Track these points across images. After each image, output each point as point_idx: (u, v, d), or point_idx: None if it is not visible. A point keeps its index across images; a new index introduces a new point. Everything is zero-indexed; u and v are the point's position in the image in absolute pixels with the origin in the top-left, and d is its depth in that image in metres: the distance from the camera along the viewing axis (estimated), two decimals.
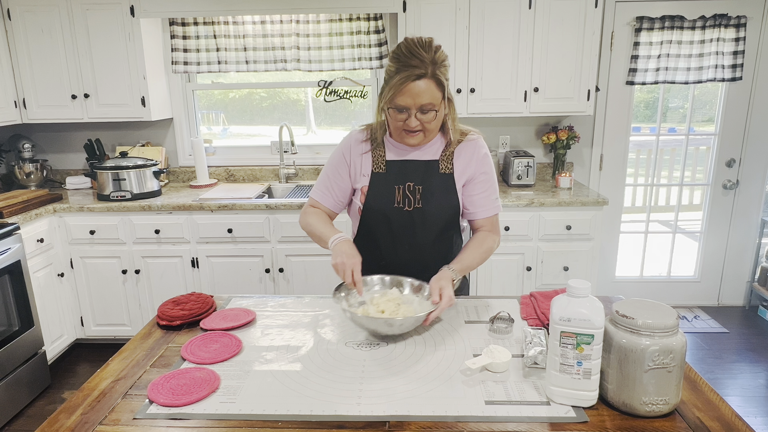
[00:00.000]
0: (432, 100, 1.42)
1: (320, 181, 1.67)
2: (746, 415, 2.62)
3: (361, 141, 1.61)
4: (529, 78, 3.14)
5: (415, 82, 1.39)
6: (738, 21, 3.25)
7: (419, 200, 1.55)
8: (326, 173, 1.66)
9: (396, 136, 1.53)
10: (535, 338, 1.27)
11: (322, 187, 1.66)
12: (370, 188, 1.57)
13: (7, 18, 3.11)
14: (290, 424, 1.06)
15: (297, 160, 3.64)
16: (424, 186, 1.56)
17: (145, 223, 3.05)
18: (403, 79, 1.38)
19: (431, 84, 1.40)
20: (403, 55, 1.40)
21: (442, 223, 1.59)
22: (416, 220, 1.57)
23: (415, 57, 1.38)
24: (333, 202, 1.66)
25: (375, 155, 1.58)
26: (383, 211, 1.57)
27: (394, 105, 1.44)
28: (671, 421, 1.05)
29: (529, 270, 3.09)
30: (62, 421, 1.09)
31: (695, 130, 3.67)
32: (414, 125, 1.45)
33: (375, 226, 1.60)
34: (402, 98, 1.41)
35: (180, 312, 1.51)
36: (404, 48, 1.41)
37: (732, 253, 3.74)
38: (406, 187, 1.56)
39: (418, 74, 1.38)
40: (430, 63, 1.39)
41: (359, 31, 3.36)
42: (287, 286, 3.12)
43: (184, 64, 3.43)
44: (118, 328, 3.24)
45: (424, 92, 1.40)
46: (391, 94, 1.41)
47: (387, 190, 1.56)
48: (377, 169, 1.58)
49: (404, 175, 1.56)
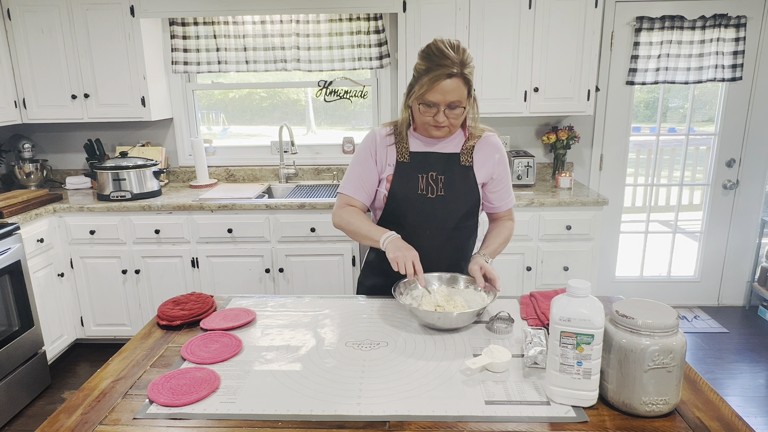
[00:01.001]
0: (460, 98, 1.51)
1: (349, 177, 1.71)
2: (746, 415, 2.62)
3: (386, 135, 1.69)
4: (529, 78, 3.14)
5: (446, 81, 1.48)
6: (738, 21, 3.26)
7: (441, 188, 1.64)
8: (354, 170, 1.70)
9: (422, 130, 1.63)
10: (535, 338, 1.27)
11: (353, 183, 1.70)
12: (395, 176, 1.65)
13: (7, 18, 3.12)
14: (290, 424, 1.06)
15: (297, 160, 3.64)
16: (446, 176, 1.65)
17: (145, 223, 3.05)
18: (435, 77, 1.47)
19: (460, 83, 1.49)
20: (434, 55, 1.48)
21: (462, 211, 1.67)
22: (438, 207, 1.65)
23: (446, 57, 1.47)
24: (365, 196, 1.70)
25: (399, 147, 1.66)
26: (408, 197, 1.64)
27: (425, 101, 1.52)
28: (671, 421, 1.05)
29: (529, 270, 3.09)
30: (62, 421, 1.09)
31: (695, 130, 3.67)
32: (442, 120, 1.54)
33: (399, 213, 1.67)
34: (433, 95, 1.50)
35: (180, 312, 1.51)
36: (435, 48, 1.49)
37: (732, 253, 3.74)
38: (429, 176, 1.64)
39: (449, 73, 1.47)
40: (459, 63, 1.48)
41: (359, 31, 3.36)
42: (287, 286, 3.12)
43: (184, 64, 3.43)
44: (118, 328, 3.24)
45: (454, 90, 1.49)
46: (422, 90, 1.50)
47: (411, 178, 1.64)
48: (402, 159, 1.65)
49: (427, 164, 1.65)
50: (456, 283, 1.60)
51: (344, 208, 1.70)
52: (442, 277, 1.61)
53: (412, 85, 1.55)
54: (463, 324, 1.43)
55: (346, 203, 1.71)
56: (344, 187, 1.71)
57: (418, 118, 1.59)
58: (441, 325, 1.41)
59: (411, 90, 1.56)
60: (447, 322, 1.39)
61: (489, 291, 1.52)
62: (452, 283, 1.60)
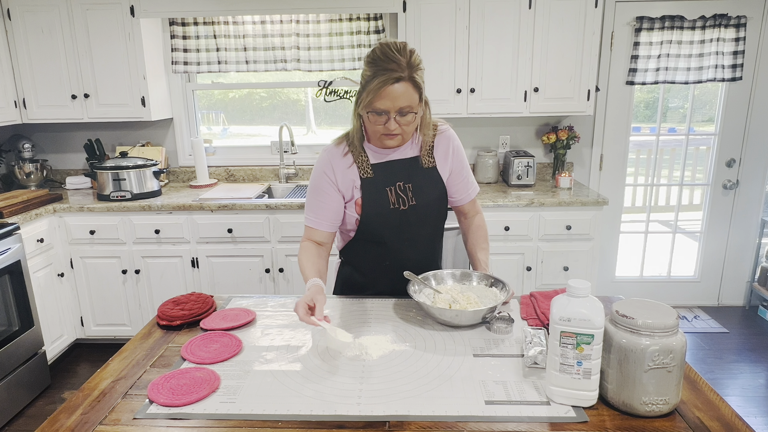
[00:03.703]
0: (410, 103, 1.43)
1: (309, 207, 1.63)
2: (746, 415, 2.62)
3: (342, 155, 1.59)
4: (529, 78, 3.14)
5: (394, 86, 1.40)
6: (738, 21, 3.25)
7: (411, 198, 1.59)
8: (312, 198, 1.61)
9: (374, 140, 1.56)
10: (535, 338, 1.27)
11: (312, 213, 1.62)
12: (363, 196, 1.57)
13: (7, 18, 3.11)
14: (290, 424, 1.06)
15: (297, 160, 3.64)
16: (413, 183, 1.60)
17: (145, 223, 3.05)
18: (381, 82, 1.39)
19: (409, 87, 1.41)
20: (379, 60, 1.40)
21: (435, 215, 1.66)
22: (412, 217, 1.60)
23: (392, 61, 1.39)
24: (328, 224, 1.62)
25: (359, 163, 1.58)
26: (380, 214, 1.58)
27: (373, 108, 1.44)
28: (671, 421, 1.05)
29: (529, 270, 3.09)
30: (62, 421, 1.09)
31: (695, 130, 3.67)
32: (393, 128, 1.46)
33: (374, 231, 1.61)
34: (381, 102, 1.42)
35: (180, 312, 1.51)
36: (380, 52, 1.41)
37: (732, 253, 3.74)
38: (397, 187, 1.58)
39: (396, 77, 1.39)
40: (407, 66, 1.40)
41: (359, 31, 3.36)
42: (287, 286, 3.12)
43: (184, 64, 3.43)
44: (118, 328, 3.24)
45: (403, 95, 1.41)
46: (370, 98, 1.42)
47: (380, 194, 1.58)
48: (365, 175, 1.57)
49: (392, 175, 1.59)
50: (468, 280, 1.61)
51: (304, 243, 1.63)
52: (455, 274, 1.62)
53: (360, 93, 1.46)
54: (477, 321, 1.44)
55: (308, 237, 1.64)
56: (307, 218, 1.63)
57: (369, 127, 1.51)
58: (457, 322, 1.43)
59: (359, 98, 1.47)
60: (463, 319, 1.41)
61: (501, 288, 1.54)
62: (464, 279, 1.61)
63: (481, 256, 1.71)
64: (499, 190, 3.25)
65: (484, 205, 2.94)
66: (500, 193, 3.16)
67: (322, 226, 1.61)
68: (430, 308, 1.42)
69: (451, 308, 1.43)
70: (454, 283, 1.60)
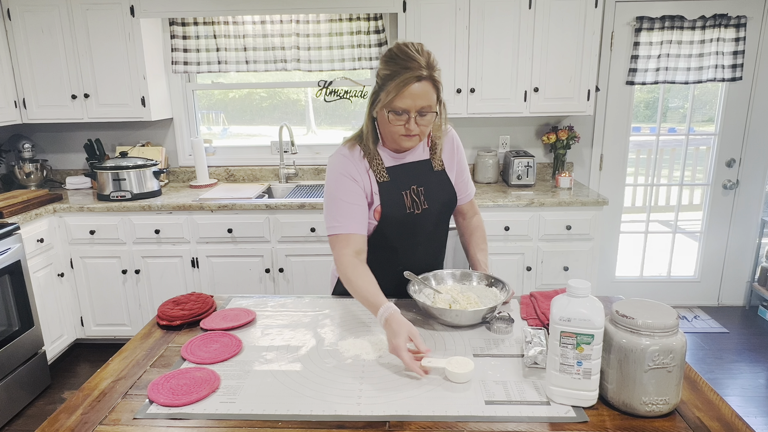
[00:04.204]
0: (430, 102, 1.42)
1: (335, 214, 1.50)
2: (746, 415, 2.62)
3: (359, 158, 1.53)
4: (529, 78, 3.14)
5: (415, 84, 1.38)
6: (738, 21, 3.25)
7: (424, 201, 1.58)
8: (337, 203, 1.50)
9: (389, 141, 1.52)
10: (535, 338, 1.27)
11: (342, 218, 1.49)
12: (382, 200, 1.53)
13: (7, 18, 3.11)
14: (290, 424, 1.06)
15: (297, 160, 3.64)
16: (425, 187, 1.58)
17: (145, 223, 3.05)
18: (403, 81, 1.37)
19: (429, 86, 1.40)
20: (399, 58, 1.39)
21: (446, 218, 1.66)
22: (425, 221, 1.59)
23: (412, 60, 1.37)
24: (361, 226, 1.51)
25: (374, 166, 1.54)
26: (398, 220, 1.54)
27: (393, 108, 1.41)
28: (671, 421, 1.05)
29: (529, 270, 3.09)
30: (62, 421, 1.09)
31: (695, 130, 3.67)
32: (413, 128, 1.43)
33: (390, 236, 1.58)
34: (402, 101, 1.39)
35: (180, 312, 1.51)
36: (399, 51, 1.40)
37: (732, 253, 3.74)
38: (411, 190, 1.56)
39: (418, 76, 1.37)
40: (427, 66, 1.39)
41: (359, 31, 3.36)
42: (287, 286, 3.12)
43: (184, 64, 3.43)
44: (118, 328, 3.24)
45: (424, 94, 1.39)
46: (390, 97, 1.39)
47: (397, 198, 1.54)
48: (381, 179, 1.53)
49: (406, 178, 1.56)
50: (468, 280, 1.62)
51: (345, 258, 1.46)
52: (455, 274, 1.62)
53: (377, 93, 1.43)
54: (477, 321, 1.44)
55: (344, 248, 1.47)
56: (336, 226, 1.49)
57: (385, 128, 1.47)
58: (457, 322, 1.43)
59: (376, 98, 1.43)
60: (463, 319, 1.41)
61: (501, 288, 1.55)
62: (464, 279, 1.62)
63: (480, 256, 1.71)
64: (499, 190, 3.25)
65: (484, 205, 2.94)
66: (500, 193, 3.16)
67: (359, 229, 1.50)
68: (431, 308, 1.42)
69: (452, 308, 1.43)
70: (454, 283, 1.61)
